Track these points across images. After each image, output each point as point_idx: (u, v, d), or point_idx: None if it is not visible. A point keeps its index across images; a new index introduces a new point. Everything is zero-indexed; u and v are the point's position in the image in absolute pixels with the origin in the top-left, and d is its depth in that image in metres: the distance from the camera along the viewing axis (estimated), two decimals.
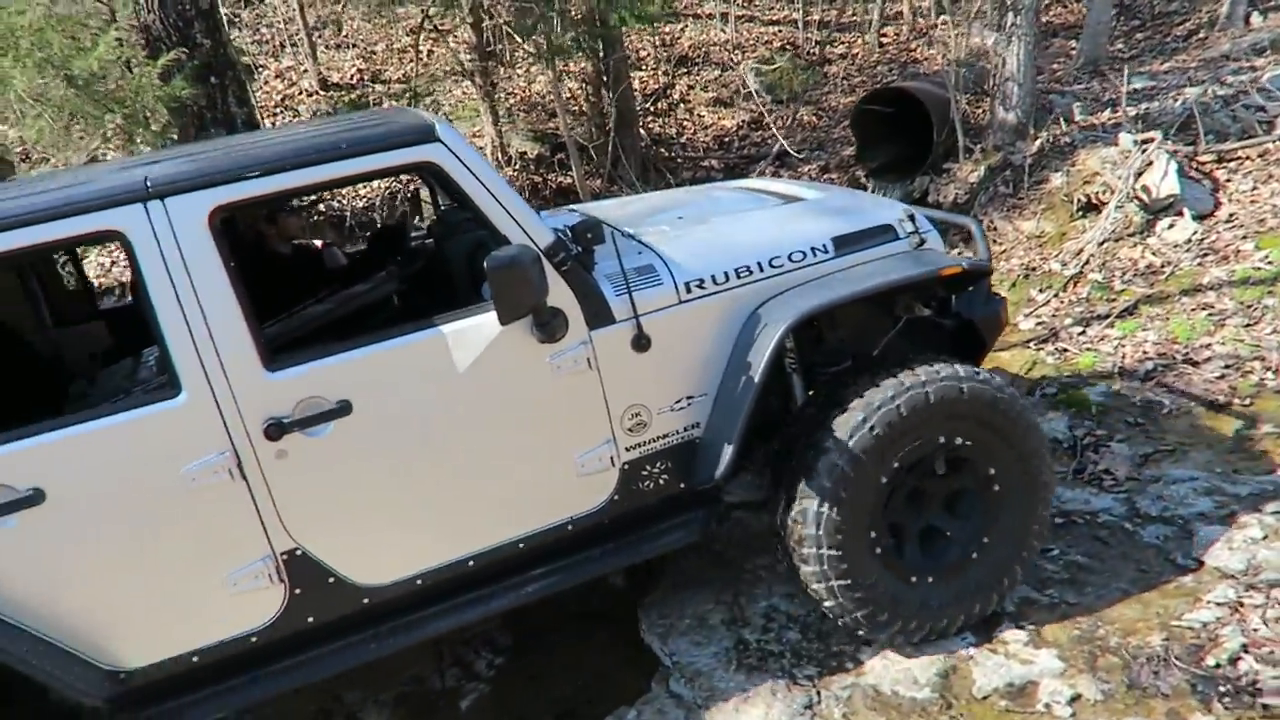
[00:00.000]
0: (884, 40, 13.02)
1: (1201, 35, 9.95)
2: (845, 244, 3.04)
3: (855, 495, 2.76)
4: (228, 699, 2.61)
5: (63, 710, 2.73)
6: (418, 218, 8.45)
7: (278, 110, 11.27)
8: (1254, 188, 6.44)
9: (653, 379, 2.79)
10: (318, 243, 4.45)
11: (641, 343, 2.72)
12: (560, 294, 2.61)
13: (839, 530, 2.77)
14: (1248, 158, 6.78)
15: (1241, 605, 2.99)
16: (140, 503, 2.40)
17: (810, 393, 3.14)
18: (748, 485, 3.13)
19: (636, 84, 12.09)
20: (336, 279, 3.46)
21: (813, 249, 2.98)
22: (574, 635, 3.62)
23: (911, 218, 3.16)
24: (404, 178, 8.66)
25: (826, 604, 2.93)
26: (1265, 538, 3.27)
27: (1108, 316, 5.53)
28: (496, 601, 2.80)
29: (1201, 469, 3.89)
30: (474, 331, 2.59)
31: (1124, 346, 5.17)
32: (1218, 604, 3.03)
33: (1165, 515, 3.58)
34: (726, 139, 10.96)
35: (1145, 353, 5.05)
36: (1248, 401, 4.39)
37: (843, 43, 13.15)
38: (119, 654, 2.49)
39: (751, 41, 13.22)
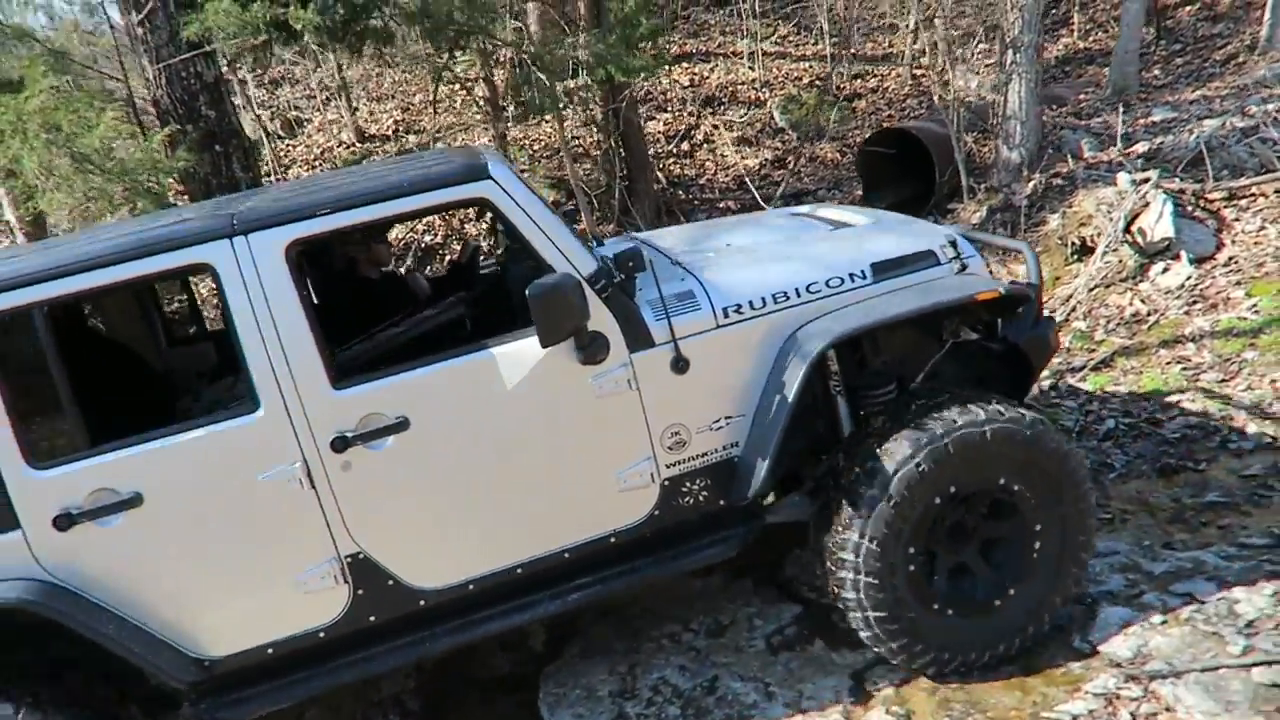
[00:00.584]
0: (917, 72, 12.85)
1: (1240, 60, 9.51)
2: (884, 270, 3.08)
3: (896, 529, 2.81)
4: (296, 689, 2.85)
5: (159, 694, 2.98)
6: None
7: (317, 163, 11.82)
8: (1261, 227, 6.14)
9: (691, 399, 2.92)
10: (403, 269, 4.64)
11: (680, 365, 2.86)
12: (602, 319, 2.79)
13: (878, 560, 2.82)
14: (1261, 194, 6.47)
15: (1117, 697, 2.86)
16: (223, 506, 2.68)
17: (860, 416, 3.20)
18: (796, 505, 3.21)
19: (661, 125, 12.24)
20: (419, 304, 3.71)
21: (851, 275, 3.04)
22: (479, 702, 3.69)
23: (954, 243, 3.19)
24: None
25: (862, 634, 3.00)
26: (1163, 623, 3.13)
27: (1082, 368, 5.34)
28: (543, 607, 2.95)
29: (1130, 541, 3.73)
30: (520, 353, 2.78)
31: (1090, 404, 4.99)
32: (1095, 694, 2.91)
33: (1077, 593, 3.45)
34: (749, 178, 10.98)
35: (1110, 409, 4.86)
36: (1201, 465, 4.19)
37: (875, 75, 13.03)
38: (204, 643, 2.76)
39: (781, 79, 13.22)
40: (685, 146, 11.88)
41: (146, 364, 3.68)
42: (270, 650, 2.81)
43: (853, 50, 13.10)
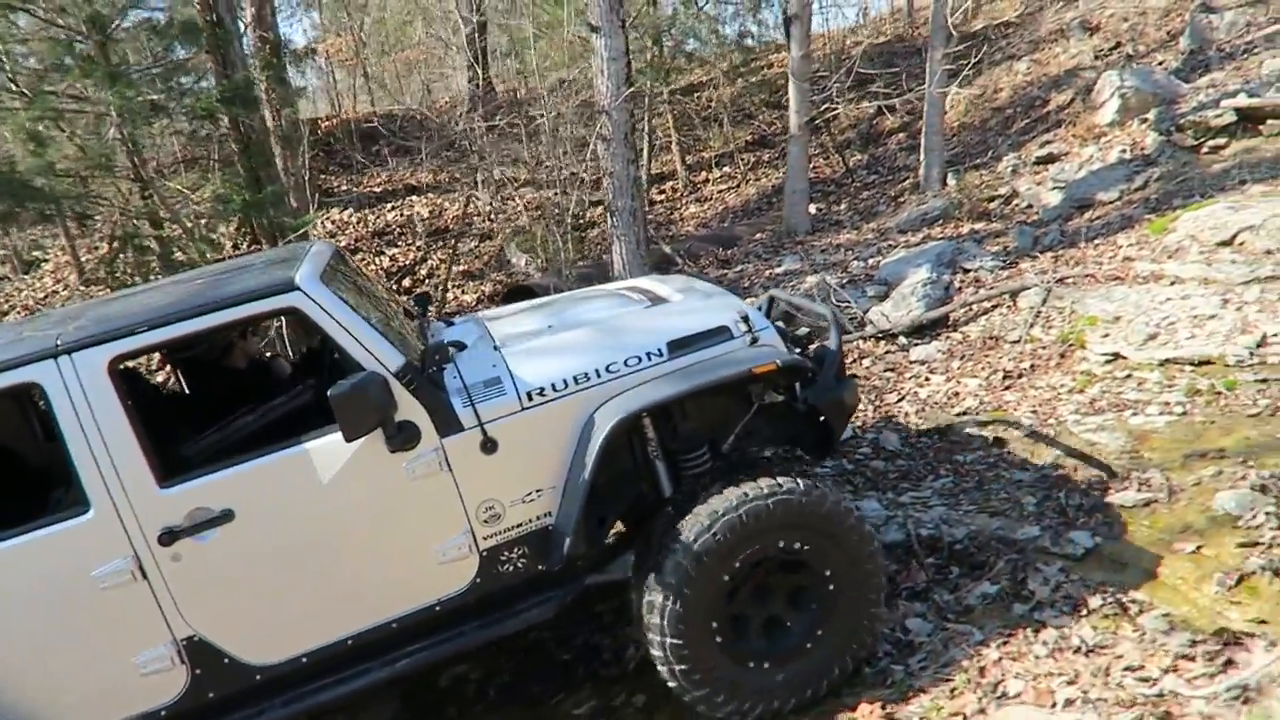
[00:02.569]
0: (655, 198, 12.94)
1: (901, 200, 9.72)
2: (679, 347, 3.32)
3: (697, 592, 3.06)
4: None
5: None
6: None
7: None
8: None
9: (502, 476, 3.13)
10: (269, 354, 4.94)
11: (489, 446, 3.07)
12: (412, 408, 3.01)
13: (681, 621, 3.07)
14: None
15: None
16: (64, 600, 2.87)
17: (678, 479, 3.44)
18: (616, 566, 3.44)
19: (387, 260, 11.99)
20: (276, 391, 3.92)
21: (648, 354, 3.28)
22: None
23: (746, 318, 3.43)
24: None
25: (670, 684, 3.18)
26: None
27: None
28: (374, 674, 3.14)
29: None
30: (334, 445, 2.96)
31: None
32: None
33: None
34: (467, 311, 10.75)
35: None
36: None
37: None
38: None
39: (522, 208, 13.16)
40: (407, 283, 11.64)
41: (22, 458, 3.79)
42: None
43: (586, 176, 13.17)
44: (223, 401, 3.62)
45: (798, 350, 3.63)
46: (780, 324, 3.85)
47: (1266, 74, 8.03)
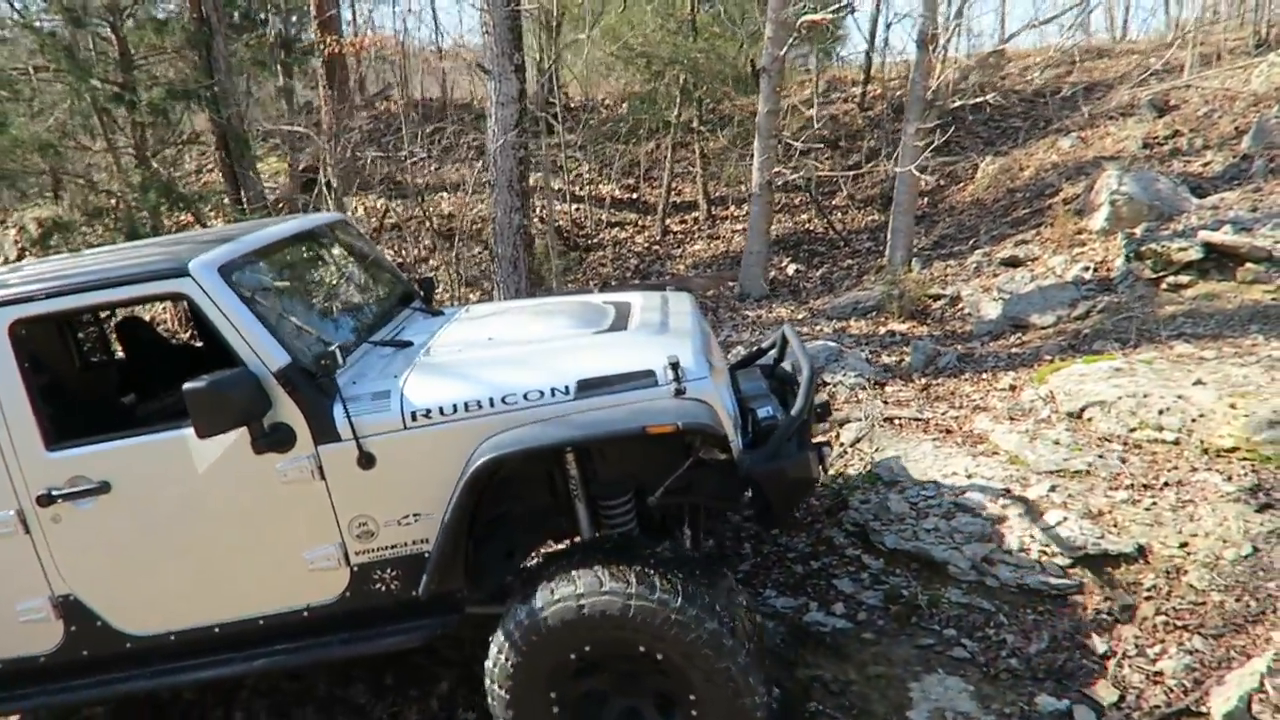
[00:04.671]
0: (674, 229, 12.46)
1: (867, 279, 8.78)
2: (590, 387, 3.01)
3: (530, 659, 2.87)
4: (25, 703, 3.25)
5: None
6: None
7: None
8: None
9: (378, 494, 3.02)
10: None
11: (366, 460, 2.95)
12: (289, 411, 2.94)
13: (510, 679, 2.91)
14: None
15: None
16: None
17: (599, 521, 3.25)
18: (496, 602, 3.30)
19: (390, 255, 12.17)
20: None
21: (552, 390, 3.01)
22: None
23: (675, 365, 3.00)
24: None
25: None
26: None
27: None
28: (233, 667, 3.18)
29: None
30: None
31: None
32: None
33: None
34: None
35: None
36: None
37: (629, 224, 12.69)
38: None
39: (541, 217, 13.01)
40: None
41: None
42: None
43: (608, 193, 12.82)
44: (167, 379, 3.72)
45: (764, 408, 3.30)
46: (786, 368, 3.72)
47: None
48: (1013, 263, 7.46)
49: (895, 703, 3.32)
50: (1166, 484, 4.25)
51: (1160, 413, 4.58)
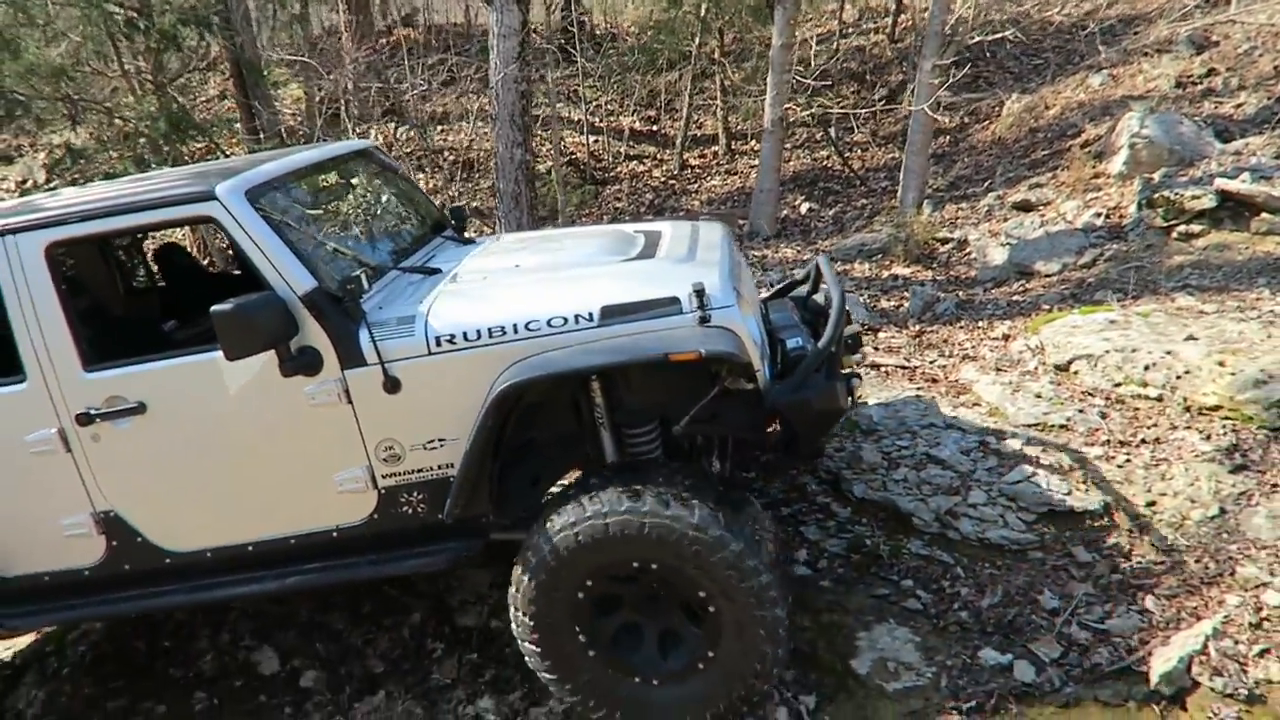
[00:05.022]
0: (692, 163, 12.27)
1: (875, 219, 8.60)
2: (614, 314, 2.98)
3: (554, 586, 2.93)
4: (72, 613, 3.44)
5: None
6: None
7: None
8: None
9: (404, 419, 3.06)
10: None
11: (391, 385, 3.00)
12: (316, 335, 2.98)
13: (532, 604, 2.97)
14: None
15: None
16: (4, 460, 3.19)
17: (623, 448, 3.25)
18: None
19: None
20: None
21: (576, 316, 2.99)
22: None
23: (700, 293, 2.94)
24: None
25: (530, 662, 3.10)
26: None
27: None
28: (265, 584, 3.28)
29: None
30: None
31: None
32: None
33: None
34: None
35: None
36: None
37: (648, 158, 12.50)
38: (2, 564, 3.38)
39: (558, 149, 12.88)
40: None
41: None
42: (47, 578, 3.35)
43: (628, 125, 12.61)
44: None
45: (793, 338, 3.28)
46: (820, 299, 3.66)
47: None
48: (1025, 207, 7.26)
49: (841, 652, 3.37)
50: (1144, 441, 4.20)
51: (1146, 368, 4.50)
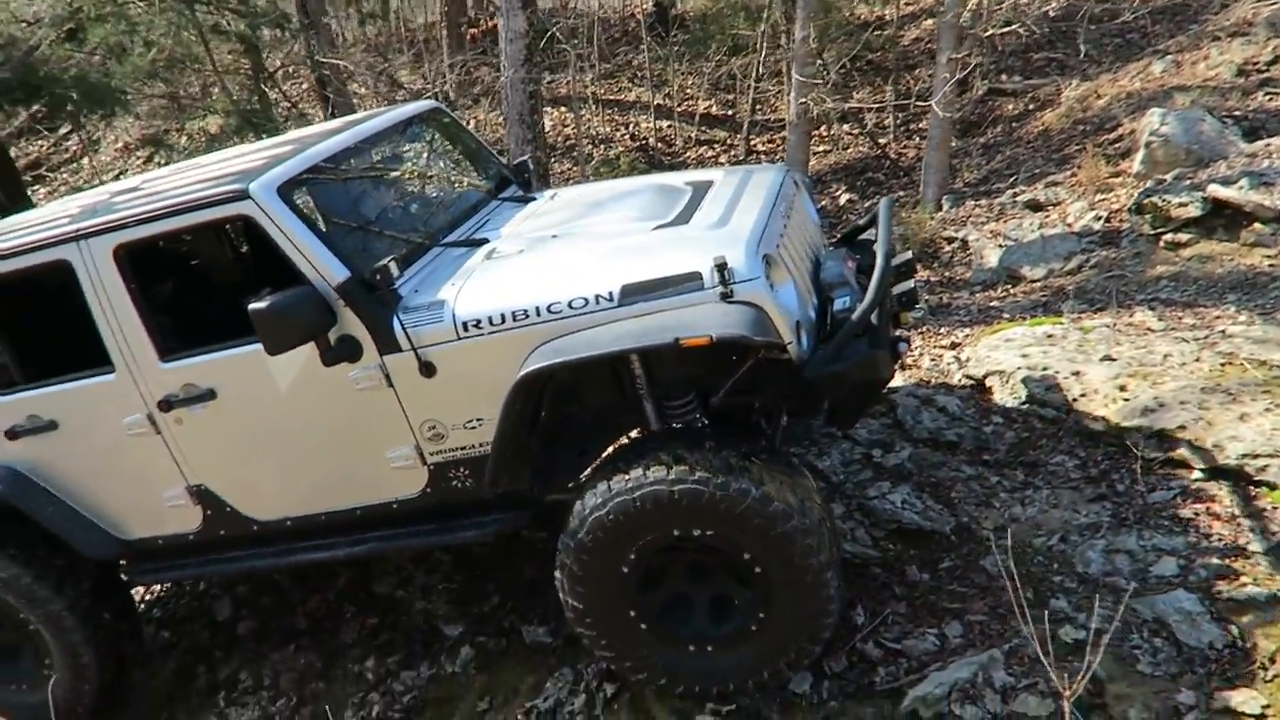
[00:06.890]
0: (757, 147, 12.32)
1: (904, 210, 8.42)
2: (633, 293, 2.95)
3: (596, 559, 2.99)
4: (185, 572, 3.97)
5: None
6: None
7: None
8: None
9: (443, 400, 3.20)
10: None
11: (426, 370, 3.13)
12: (354, 324, 3.14)
13: (581, 569, 3.02)
14: None
15: None
16: (108, 438, 3.58)
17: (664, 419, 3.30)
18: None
19: None
20: None
21: (596, 297, 2.97)
22: None
23: (722, 268, 2.84)
24: None
25: (577, 629, 3.19)
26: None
27: None
28: (342, 550, 3.60)
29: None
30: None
31: None
32: None
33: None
34: None
35: None
36: None
37: (718, 142, 12.60)
38: (121, 530, 3.83)
39: (629, 133, 13.14)
40: None
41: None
42: (160, 542, 3.80)
43: (699, 109, 12.69)
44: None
45: (842, 297, 3.27)
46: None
47: None
48: (1035, 206, 7.04)
49: None
50: (1022, 464, 4.21)
51: (1048, 389, 4.47)
